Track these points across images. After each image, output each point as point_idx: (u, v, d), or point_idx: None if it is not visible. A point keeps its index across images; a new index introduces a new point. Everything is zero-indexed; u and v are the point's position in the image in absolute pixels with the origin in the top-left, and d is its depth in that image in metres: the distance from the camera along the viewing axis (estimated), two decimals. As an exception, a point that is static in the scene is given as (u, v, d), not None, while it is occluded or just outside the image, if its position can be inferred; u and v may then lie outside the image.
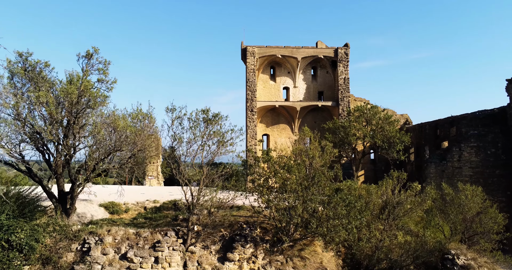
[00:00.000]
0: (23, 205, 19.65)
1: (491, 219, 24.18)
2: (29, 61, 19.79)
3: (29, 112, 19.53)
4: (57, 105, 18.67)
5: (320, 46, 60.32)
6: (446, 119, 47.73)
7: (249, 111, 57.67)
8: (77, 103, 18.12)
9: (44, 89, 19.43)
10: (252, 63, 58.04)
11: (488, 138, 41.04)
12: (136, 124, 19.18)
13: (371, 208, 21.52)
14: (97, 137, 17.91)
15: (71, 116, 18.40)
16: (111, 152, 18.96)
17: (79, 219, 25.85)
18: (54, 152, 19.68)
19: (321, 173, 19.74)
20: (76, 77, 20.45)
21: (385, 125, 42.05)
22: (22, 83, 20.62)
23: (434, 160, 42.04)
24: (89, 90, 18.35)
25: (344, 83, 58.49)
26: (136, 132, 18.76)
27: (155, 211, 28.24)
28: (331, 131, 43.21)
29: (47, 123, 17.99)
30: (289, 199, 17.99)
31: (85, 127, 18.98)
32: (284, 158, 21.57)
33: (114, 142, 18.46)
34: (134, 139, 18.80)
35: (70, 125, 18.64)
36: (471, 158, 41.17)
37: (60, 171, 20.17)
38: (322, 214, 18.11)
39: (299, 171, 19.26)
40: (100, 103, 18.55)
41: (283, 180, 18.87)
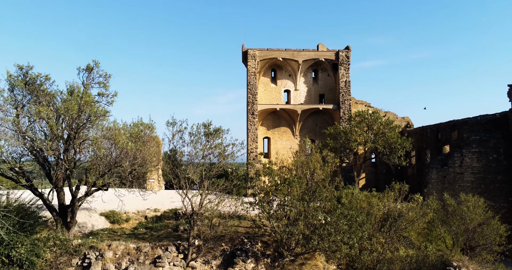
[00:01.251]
0: (24, 219, 19.57)
1: (493, 231, 24.08)
2: (29, 75, 19.70)
3: (29, 125, 19.46)
4: (57, 118, 18.57)
5: (321, 49, 60.16)
6: (447, 123, 47.60)
7: (250, 114, 57.54)
8: (77, 118, 18.02)
9: (44, 103, 19.35)
10: (253, 66, 57.89)
11: (489, 143, 40.86)
12: (136, 140, 19.04)
13: (373, 221, 21.42)
14: (97, 153, 17.80)
15: (71, 131, 18.31)
16: (111, 168, 18.86)
17: (79, 230, 25.81)
18: (55, 166, 19.58)
19: (322, 187, 19.63)
20: (76, 88, 20.38)
21: (386, 130, 41.88)
22: (22, 95, 20.55)
23: (436, 166, 41.88)
24: (90, 104, 18.24)
25: (345, 86, 58.32)
26: (136, 148, 18.65)
27: (156, 220, 28.19)
28: (332, 136, 43.07)
29: (47, 138, 17.90)
30: (290, 214, 17.90)
31: (86, 142, 18.88)
32: (285, 170, 21.44)
33: (114, 158, 18.35)
34: (135, 154, 18.70)
35: (71, 139, 18.55)
36: (472, 164, 40.99)
37: (61, 184, 20.10)
38: (323, 230, 18.02)
39: (300, 186, 19.15)
40: (101, 119, 18.43)
41: (284, 196, 18.77)
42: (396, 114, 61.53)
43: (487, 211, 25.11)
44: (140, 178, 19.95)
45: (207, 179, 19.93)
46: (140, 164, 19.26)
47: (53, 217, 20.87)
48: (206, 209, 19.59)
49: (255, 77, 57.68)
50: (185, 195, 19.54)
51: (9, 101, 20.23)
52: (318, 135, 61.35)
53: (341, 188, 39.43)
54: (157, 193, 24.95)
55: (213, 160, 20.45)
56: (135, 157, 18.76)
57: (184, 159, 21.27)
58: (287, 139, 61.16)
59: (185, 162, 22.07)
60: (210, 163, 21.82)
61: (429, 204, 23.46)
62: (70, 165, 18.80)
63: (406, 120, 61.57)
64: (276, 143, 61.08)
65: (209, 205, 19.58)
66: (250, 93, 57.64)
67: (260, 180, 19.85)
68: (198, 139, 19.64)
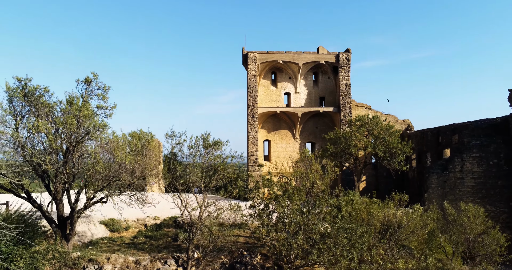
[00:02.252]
0: (23, 231, 19.53)
1: (493, 241, 24.02)
2: (28, 87, 19.65)
3: (28, 136, 19.41)
4: (56, 131, 18.51)
5: (321, 51, 60.05)
6: (448, 126, 47.49)
7: (250, 117, 57.47)
8: (76, 131, 17.96)
9: (43, 115, 19.28)
10: (253, 69, 57.81)
11: (490, 148, 40.73)
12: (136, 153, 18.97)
13: (372, 232, 21.36)
14: (96, 168, 17.71)
15: (70, 144, 18.25)
16: (110, 182, 18.80)
17: (79, 239, 25.77)
18: (54, 178, 19.53)
19: (323, 199, 19.56)
20: (76, 99, 20.31)
21: (386, 135, 41.80)
22: (21, 105, 20.52)
23: (436, 171, 41.77)
24: (88, 117, 18.16)
25: (346, 89, 58.24)
26: (135, 161, 18.58)
27: (156, 228, 28.15)
28: (332, 141, 42.98)
29: (46, 152, 17.85)
30: (290, 229, 17.85)
31: (84, 155, 18.82)
32: (284, 179, 21.35)
33: (113, 173, 18.28)
34: (134, 168, 18.63)
35: (69, 153, 18.50)
36: (473, 169, 40.87)
37: (60, 196, 20.05)
38: (323, 244, 17.96)
39: (299, 198, 19.09)
40: (99, 132, 18.36)
41: (284, 208, 18.71)
42: (396, 116, 61.47)
43: (487, 220, 25.06)
44: (139, 189, 19.79)
45: (206, 191, 19.87)
46: (139, 177, 19.19)
47: (52, 229, 20.83)
48: (205, 221, 19.53)
49: (255, 80, 57.61)
50: (184, 208, 19.48)
51: (8, 113, 20.23)
52: (318, 138, 61.31)
53: (341, 194, 39.46)
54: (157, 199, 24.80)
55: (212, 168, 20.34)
56: (134, 170, 18.69)
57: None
58: (287, 142, 61.11)
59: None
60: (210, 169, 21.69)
61: (430, 215, 23.37)
62: (69, 178, 18.76)
63: (406, 122, 61.48)
64: (277, 146, 61.05)
65: (207, 220, 19.52)
66: (251, 96, 57.56)
67: (259, 192, 19.77)
68: (197, 152, 19.58)
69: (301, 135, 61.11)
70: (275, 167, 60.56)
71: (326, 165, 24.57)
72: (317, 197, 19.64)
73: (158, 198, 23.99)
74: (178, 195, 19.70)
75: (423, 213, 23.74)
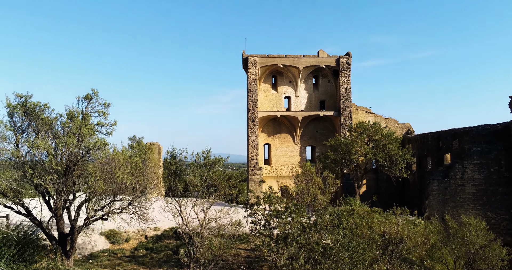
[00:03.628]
0: (23, 249, 19.47)
1: (495, 255, 23.98)
2: (28, 103, 19.55)
3: (28, 152, 19.33)
4: (55, 150, 18.42)
5: (321, 55, 59.96)
6: (448, 131, 47.38)
7: (250, 121, 57.40)
8: (76, 151, 17.87)
9: (43, 132, 19.20)
10: (254, 73, 57.71)
11: (491, 155, 40.72)
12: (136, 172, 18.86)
13: (374, 248, 21.29)
14: (96, 188, 17.62)
15: (70, 163, 18.15)
16: (110, 202, 18.72)
17: (80, 251, 25.68)
18: (54, 195, 19.45)
19: (324, 216, 19.50)
20: (76, 113, 20.23)
21: (387, 142, 41.73)
22: (22, 120, 20.45)
23: (437, 177, 41.78)
24: (88, 135, 18.07)
25: (346, 93, 58.17)
26: (136, 181, 18.48)
27: (156, 239, 28.07)
28: (333, 148, 42.91)
29: (46, 173, 17.75)
30: (291, 249, 17.77)
31: (84, 175, 18.72)
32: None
33: (113, 192, 18.20)
34: (134, 185, 18.54)
35: (69, 171, 18.40)
36: (474, 176, 40.88)
37: (60, 213, 19.97)
38: (325, 263, 17.88)
39: (301, 216, 19.03)
40: (100, 151, 18.25)
41: (285, 227, 18.64)
42: (396, 120, 61.40)
43: (488, 234, 25.03)
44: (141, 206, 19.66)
45: (208, 208, 19.82)
46: (139, 195, 19.10)
47: (53, 245, 20.74)
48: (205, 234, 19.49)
49: (255, 84, 57.51)
50: (185, 226, 19.42)
51: (8, 129, 20.17)
52: (318, 142, 61.30)
53: (342, 203, 39.38)
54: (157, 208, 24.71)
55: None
56: (135, 189, 18.60)
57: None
58: (287, 145, 61.08)
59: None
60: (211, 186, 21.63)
61: (431, 230, 23.33)
62: (69, 196, 18.68)
63: (407, 126, 61.38)
64: (277, 149, 61.02)
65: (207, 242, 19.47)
66: (251, 100, 57.47)
67: (259, 209, 19.70)
68: (198, 170, 19.51)
69: (301, 139, 61.08)
70: (275, 171, 60.54)
71: (327, 178, 24.50)
72: (319, 213, 19.56)
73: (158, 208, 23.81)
74: (179, 213, 19.64)
75: (425, 228, 23.67)
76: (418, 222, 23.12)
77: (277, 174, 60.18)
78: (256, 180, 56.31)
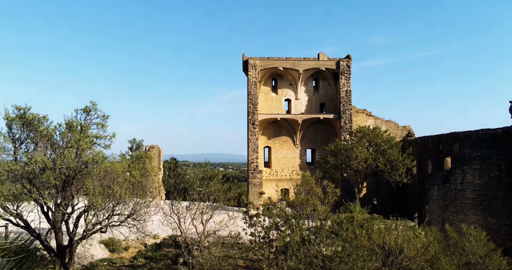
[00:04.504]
0: (22, 261, 19.42)
1: (495, 266, 23.86)
2: (27, 116, 19.48)
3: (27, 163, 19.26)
4: (54, 166, 18.32)
5: (321, 58, 59.80)
6: (449, 134, 47.22)
7: (250, 124, 57.27)
8: (74, 166, 17.77)
9: (42, 144, 19.12)
10: (254, 75, 57.56)
11: (491, 160, 40.56)
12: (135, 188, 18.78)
13: (374, 260, 21.21)
14: (94, 204, 17.53)
15: (68, 177, 18.06)
16: (109, 216, 18.64)
17: (79, 261, 25.59)
18: (53, 207, 19.38)
19: (324, 229, 19.42)
20: (75, 122, 20.16)
21: (387, 147, 41.58)
22: (20, 131, 20.41)
23: (437, 182, 41.64)
24: (86, 149, 17.98)
25: (346, 96, 58.04)
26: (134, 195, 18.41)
27: (156, 248, 27.98)
28: (333, 153, 42.79)
29: (44, 187, 17.66)
30: (290, 263, 17.69)
31: (83, 188, 18.64)
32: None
33: (112, 208, 18.11)
34: (133, 200, 18.47)
35: (68, 184, 18.32)
36: (474, 181, 40.72)
37: (59, 225, 19.91)
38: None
39: (300, 229, 18.94)
40: (98, 165, 18.15)
41: (284, 242, 18.57)
42: (397, 123, 61.29)
43: (488, 244, 24.91)
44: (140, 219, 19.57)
45: (207, 221, 19.73)
46: (137, 209, 19.01)
47: (51, 258, 20.69)
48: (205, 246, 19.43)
49: (255, 87, 57.36)
50: (185, 239, 19.35)
51: (7, 140, 20.12)
52: (318, 144, 61.21)
53: (342, 207, 39.30)
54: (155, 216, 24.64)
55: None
56: (134, 204, 18.52)
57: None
58: (287, 148, 61.00)
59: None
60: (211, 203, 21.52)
61: (432, 241, 23.21)
62: (68, 210, 18.61)
63: (407, 129, 61.26)
64: (277, 152, 60.93)
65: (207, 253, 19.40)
66: (251, 103, 57.34)
67: (259, 222, 19.60)
68: (196, 187, 19.44)
69: (301, 142, 60.99)
70: (275, 173, 60.46)
71: (327, 187, 24.39)
72: (318, 229, 19.48)
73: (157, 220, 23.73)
74: (178, 225, 19.55)
75: (425, 235, 23.58)
76: (418, 233, 22.96)
77: (277, 177, 60.13)
78: (256, 183, 56.24)
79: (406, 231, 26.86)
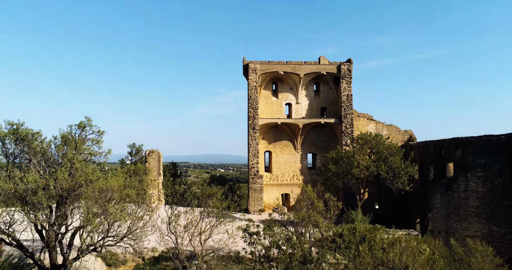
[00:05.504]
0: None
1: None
2: (20, 131, 18.89)
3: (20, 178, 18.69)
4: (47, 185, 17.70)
5: (322, 62, 59.18)
6: (451, 140, 46.64)
7: (251, 129, 56.66)
8: (67, 185, 17.14)
9: (35, 161, 18.53)
10: (254, 80, 56.94)
11: (495, 167, 39.93)
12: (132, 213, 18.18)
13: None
14: (89, 226, 16.93)
15: (61, 198, 17.44)
16: (104, 238, 18.04)
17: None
18: (46, 225, 18.78)
19: (327, 248, 18.87)
20: (70, 137, 19.59)
21: (388, 155, 40.92)
22: (13, 147, 19.89)
23: (440, 190, 40.98)
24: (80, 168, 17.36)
25: (347, 100, 57.41)
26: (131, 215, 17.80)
27: (154, 262, 27.37)
28: (334, 160, 42.17)
29: (36, 208, 17.03)
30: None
31: (76, 209, 18.05)
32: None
33: (107, 229, 17.51)
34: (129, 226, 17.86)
35: (62, 204, 17.71)
36: (478, 188, 40.08)
37: (53, 244, 19.30)
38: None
39: (302, 249, 18.36)
40: (92, 184, 17.53)
41: (286, 263, 17.99)
42: (398, 127, 60.64)
43: (495, 260, 24.30)
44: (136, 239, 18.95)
45: (205, 241, 19.14)
46: (133, 229, 18.41)
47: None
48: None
49: (256, 91, 56.75)
50: (182, 259, 18.77)
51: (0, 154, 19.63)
52: (319, 149, 60.61)
53: (344, 216, 38.71)
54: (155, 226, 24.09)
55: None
56: (130, 226, 17.91)
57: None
58: (288, 153, 60.40)
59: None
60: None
61: (436, 258, 22.61)
62: (61, 230, 18.00)
63: (408, 133, 60.61)
64: (278, 157, 60.33)
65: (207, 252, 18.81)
66: (251, 108, 56.72)
67: (259, 241, 19.03)
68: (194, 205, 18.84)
69: (302, 146, 60.38)
70: (276, 178, 59.88)
71: (329, 200, 23.82)
72: (321, 248, 18.90)
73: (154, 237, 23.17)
74: (175, 245, 18.97)
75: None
76: (423, 249, 22.38)
77: (278, 182, 59.55)
78: (257, 189, 55.67)
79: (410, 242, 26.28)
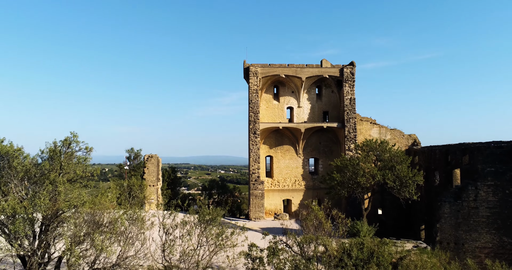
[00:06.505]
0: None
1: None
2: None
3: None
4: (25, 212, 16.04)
5: (325, 65, 57.52)
6: (457, 145, 44.95)
7: (251, 134, 55.03)
8: (48, 215, 15.48)
9: (16, 181, 16.90)
10: (255, 83, 55.32)
11: (506, 176, 38.28)
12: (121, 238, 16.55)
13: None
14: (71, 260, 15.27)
15: (42, 226, 15.84)
16: (91, 266, 16.42)
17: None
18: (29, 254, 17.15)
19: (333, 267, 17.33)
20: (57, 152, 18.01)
21: (395, 163, 39.24)
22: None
23: (449, 199, 39.33)
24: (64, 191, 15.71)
25: (350, 104, 55.77)
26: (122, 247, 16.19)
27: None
28: (339, 169, 40.53)
29: (14, 238, 15.40)
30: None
31: (60, 237, 16.41)
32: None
33: (93, 260, 15.89)
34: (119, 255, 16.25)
35: (43, 232, 16.10)
36: (488, 198, 38.45)
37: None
38: None
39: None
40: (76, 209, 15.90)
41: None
42: (402, 131, 58.97)
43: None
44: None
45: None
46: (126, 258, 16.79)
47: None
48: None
49: (257, 95, 55.12)
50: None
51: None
52: (322, 154, 59.02)
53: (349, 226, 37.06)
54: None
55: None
56: (119, 257, 16.29)
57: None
58: (290, 157, 58.81)
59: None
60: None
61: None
62: (43, 260, 16.38)
63: (413, 137, 58.96)
64: (279, 161, 58.75)
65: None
66: (252, 112, 55.07)
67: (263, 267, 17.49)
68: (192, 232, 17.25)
69: (304, 151, 58.79)
70: (277, 183, 58.29)
71: (337, 218, 22.25)
72: None
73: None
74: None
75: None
76: (431, 261, 20.82)
77: (279, 187, 57.97)
78: (258, 195, 54.10)
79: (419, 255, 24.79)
